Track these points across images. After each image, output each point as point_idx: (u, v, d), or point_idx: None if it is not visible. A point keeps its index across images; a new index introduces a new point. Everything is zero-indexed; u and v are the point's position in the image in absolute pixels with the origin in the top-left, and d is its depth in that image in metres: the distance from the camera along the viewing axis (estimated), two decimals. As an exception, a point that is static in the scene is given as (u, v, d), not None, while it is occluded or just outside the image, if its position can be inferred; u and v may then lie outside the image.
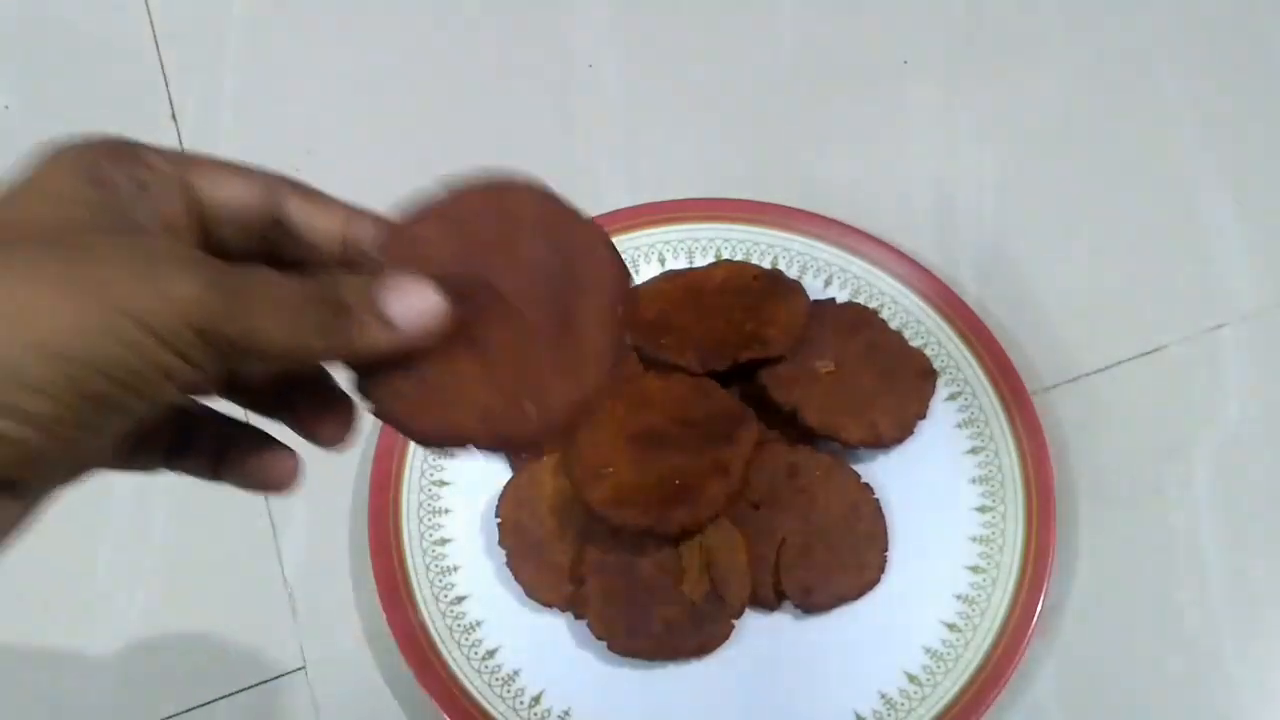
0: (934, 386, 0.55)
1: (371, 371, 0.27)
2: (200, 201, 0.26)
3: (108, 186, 0.25)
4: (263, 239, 0.27)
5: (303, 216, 0.28)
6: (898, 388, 0.54)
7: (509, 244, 0.29)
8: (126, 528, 0.54)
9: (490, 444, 0.29)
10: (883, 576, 0.51)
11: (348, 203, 0.29)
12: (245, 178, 0.27)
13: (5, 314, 0.21)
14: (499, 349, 0.28)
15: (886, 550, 0.51)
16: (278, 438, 0.30)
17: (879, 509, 0.52)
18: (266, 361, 0.25)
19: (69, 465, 0.24)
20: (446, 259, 0.29)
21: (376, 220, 0.29)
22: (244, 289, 0.24)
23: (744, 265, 0.58)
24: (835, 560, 0.50)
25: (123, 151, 0.26)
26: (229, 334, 0.23)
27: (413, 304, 0.26)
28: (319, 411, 0.29)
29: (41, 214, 0.24)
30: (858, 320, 0.56)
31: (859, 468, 0.53)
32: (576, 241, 0.30)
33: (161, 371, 0.23)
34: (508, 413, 0.28)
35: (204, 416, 0.29)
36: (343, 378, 0.29)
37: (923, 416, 0.54)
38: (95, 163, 0.25)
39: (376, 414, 0.28)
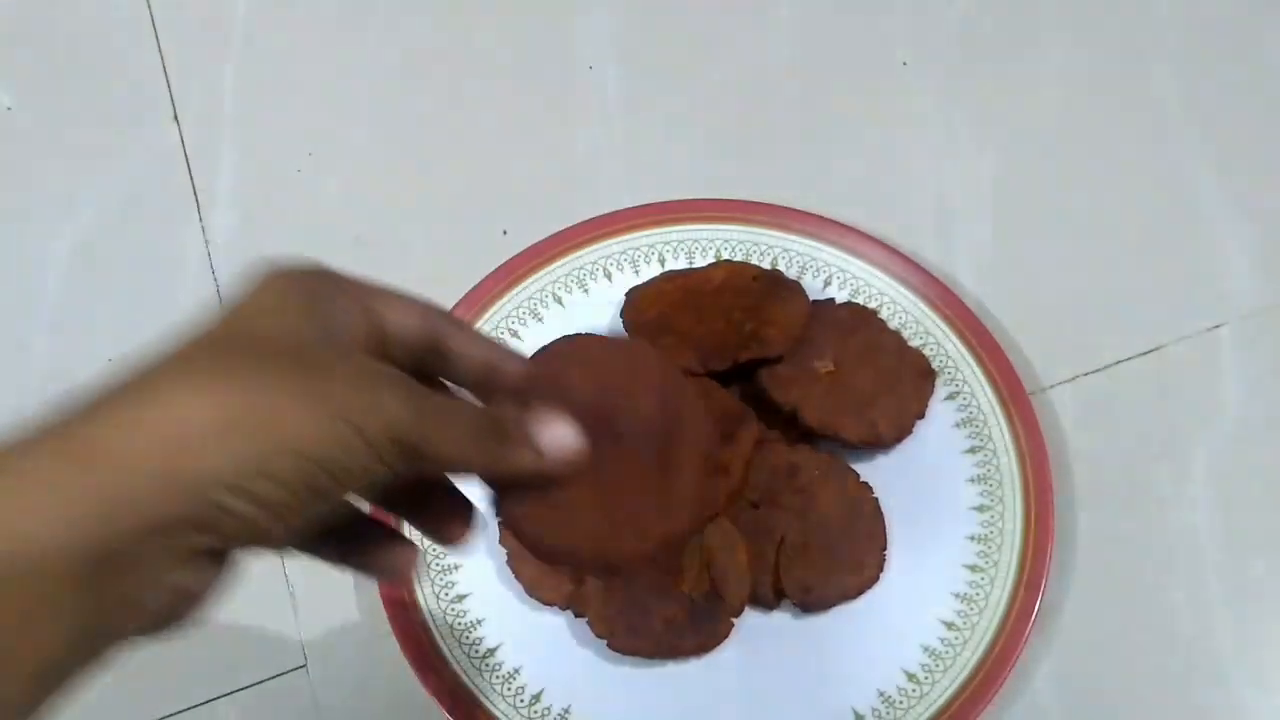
0: (933, 386, 0.55)
1: (508, 487, 0.32)
2: (381, 326, 0.31)
3: (320, 308, 0.29)
4: (419, 359, 0.32)
5: (457, 346, 0.32)
6: (897, 387, 0.54)
7: (631, 393, 0.35)
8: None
9: (594, 565, 0.35)
10: (881, 575, 0.51)
11: (494, 339, 0.34)
12: (415, 308, 0.32)
13: (262, 418, 0.26)
14: (612, 482, 0.33)
15: (885, 549, 0.51)
16: (401, 532, 0.34)
17: (878, 508, 0.52)
18: (436, 468, 0.30)
19: (272, 543, 0.28)
20: (582, 399, 0.33)
21: (521, 358, 0.34)
22: (436, 409, 0.29)
23: (744, 266, 0.58)
24: (834, 559, 0.50)
25: (326, 277, 0.30)
26: (418, 444, 0.28)
27: (557, 438, 0.32)
28: (444, 512, 0.34)
29: (273, 330, 0.28)
30: (857, 320, 0.56)
31: (858, 467, 0.53)
32: (681, 398, 0.36)
33: (365, 471, 0.27)
34: (612, 541, 0.33)
35: (350, 509, 0.33)
36: (473, 487, 0.33)
37: (921, 416, 0.54)
38: (308, 286, 0.30)
39: (504, 523, 0.33)
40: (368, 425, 0.27)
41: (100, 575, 0.24)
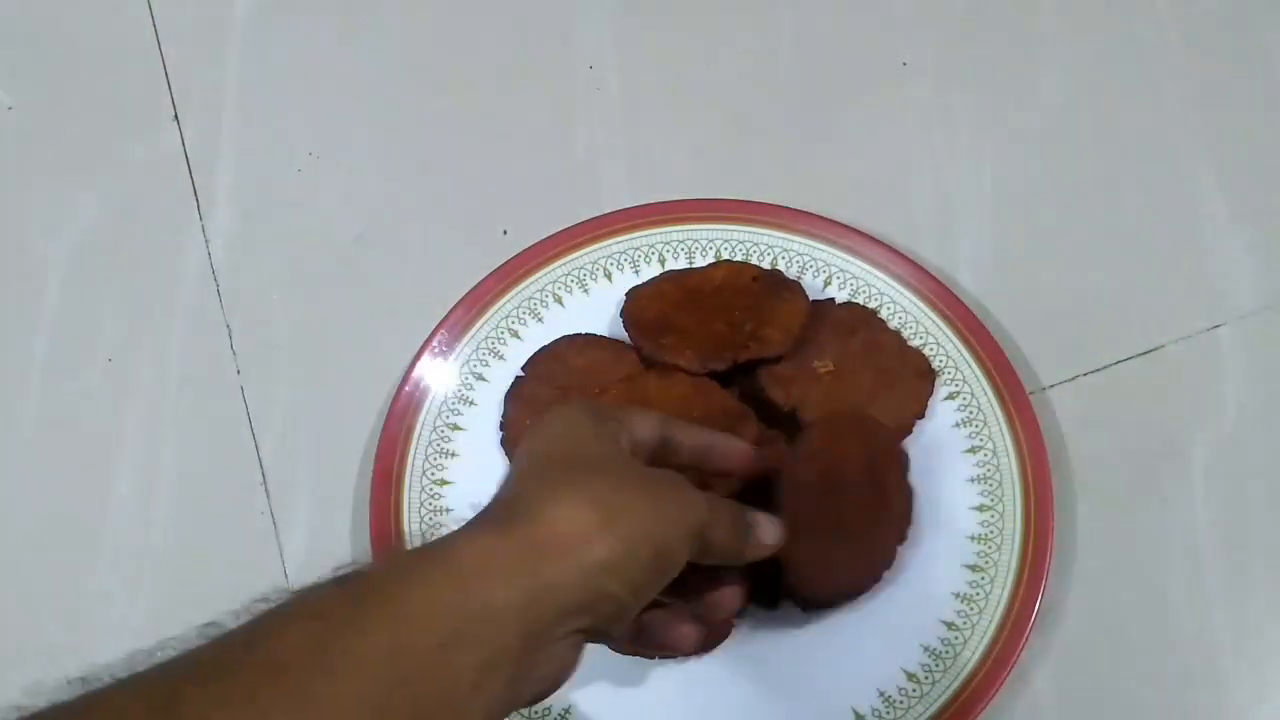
0: (933, 386, 0.55)
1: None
2: (635, 435, 0.39)
3: (607, 431, 0.37)
4: (653, 454, 0.40)
5: (684, 438, 0.41)
6: (896, 387, 0.54)
7: (842, 456, 0.48)
8: (127, 526, 0.54)
9: (853, 596, 0.49)
10: (882, 575, 0.51)
11: (713, 432, 0.44)
12: (650, 418, 0.40)
13: (626, 518, 0.33)
14: (853, 527, 0.48)
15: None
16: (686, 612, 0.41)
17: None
18: (713, 558, 0.38)
19: (620, 627, 0.35)
20: (809, 479, 0.47)
21: (738, 442, 0.45)
22: (716, 509, 0.37)
23: (744, 265, 0.58)
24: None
25: (591, 406, 0.39)
26: (708, 536, 0.36)
27: (772, 533, 0.41)
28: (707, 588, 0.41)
29: (587, 452, 0.36)
30: (856, 320, 0.56)
31: (858, 467, 0.53)
32: (879, 438, 0.50)
33: (679, 563, 0.35)
34: (868, 570, 0.49)
35: None
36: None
37: (921, 416, 0.54)
38: (587, 416, 0.37)
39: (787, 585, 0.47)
40: (688, 525, 0.35)
41: (526, 649, 0.30)
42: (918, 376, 0.55)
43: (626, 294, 0.57)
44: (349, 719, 0.26)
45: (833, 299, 0.57)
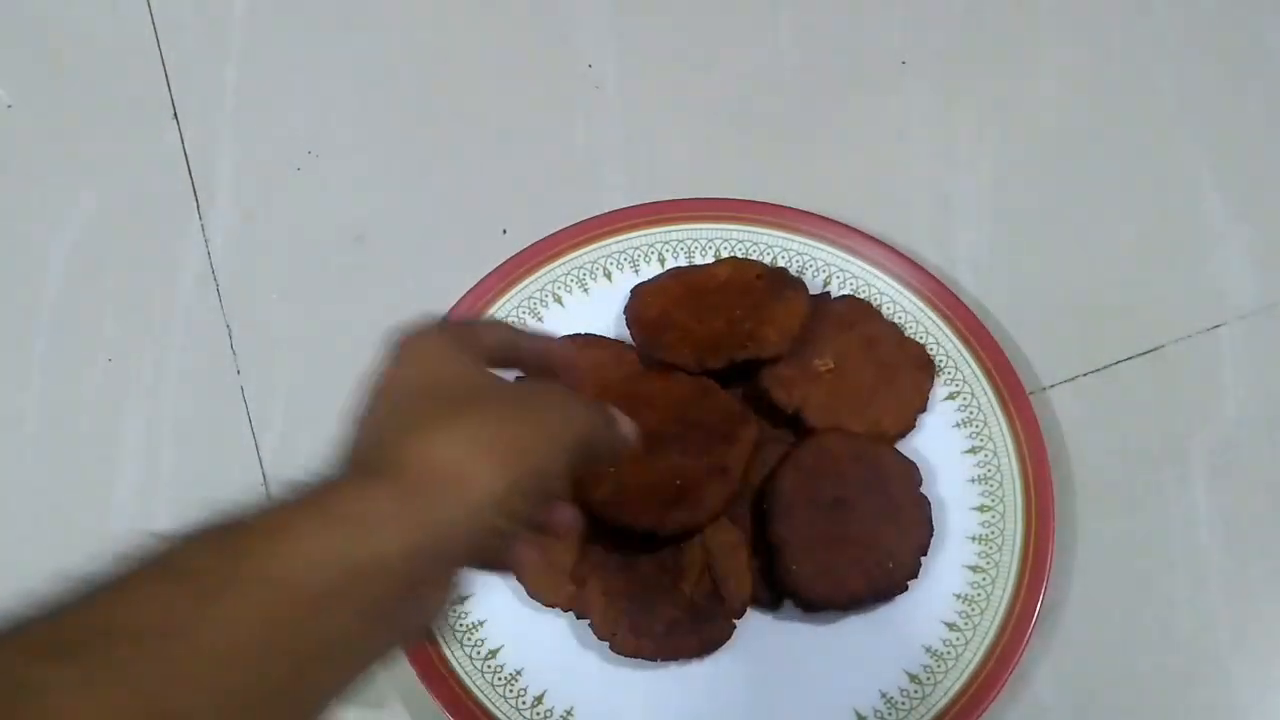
0: (932, 378, 0.55)
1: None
2: (489, 347, 0.37)
3: (466, 353, 0.35)
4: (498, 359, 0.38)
5: (526, 344, 0.40)
6: (897, 381, 0.54)
7: (840, 474, 0.51)
8: (127, 526, 0.54)
9: (872, 596, 0.49)
10: (907, 585, 0.51)
11: (535, 331, 0.46)
12: (494, 327, 0.41)
13: (508, 447, 0.32)
14: (867, 535, 0.50)
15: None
16: None
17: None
18: (591, 463, 0.36)
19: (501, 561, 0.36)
20: (833, 493, 0.50)
21: (560, 341, 0.47)
22: (599, 412, 0.37)
23: (748, 263, 0.58)
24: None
25: (446, 327, 0.38)
26: (594, 443, 0.35)
27: (628, 423, 0.38)
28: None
29: (451, 378, 0.34)
30: (855, 314, 0.56)
31: (858, 467, 0.53)
32: (881, 458, 0.52)
33: (564, 479, 0.34)
34: (880, 571, 0.49)
35: None
36: None
37: (923, 409, 0.54)
38: (444, 338, 0.36)
39: (795, 593, 0.49)
40: (572, 436, 0.34)
41: (414, 588, 0.30)
42: (918, 368, 0.55)
43: (631, 291, 0.57)
44: (228, 673, 0.25)
45: (829, 293, 0.57)
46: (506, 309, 0.57)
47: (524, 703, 0.49)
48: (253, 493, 0.54)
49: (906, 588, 0.50)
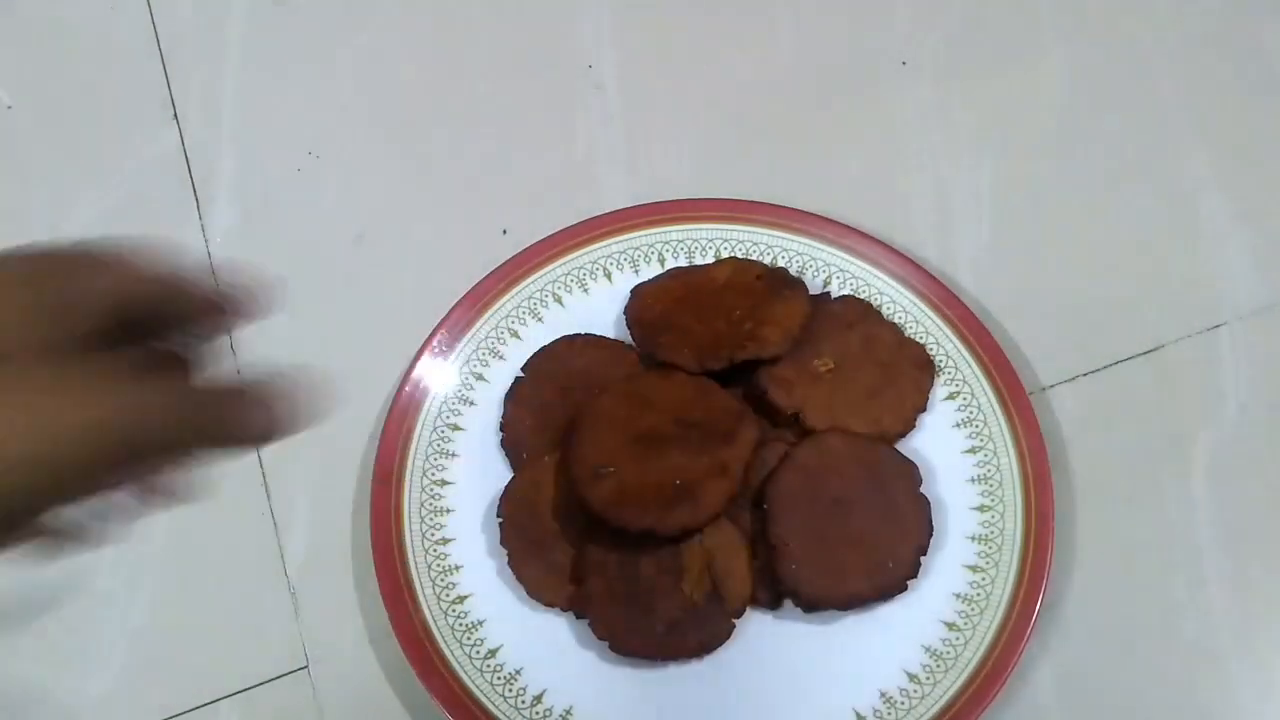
0: (932, 377, 0.55)
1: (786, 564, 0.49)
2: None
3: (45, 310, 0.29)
4: None
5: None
6: (897, 381, 0.54)
7: (855, 474, 0.51)
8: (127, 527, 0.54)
9: (871, 595, 0.49)
10: (907, 584, 0.51)
11: None
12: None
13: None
14: (867, 534, 0.50)
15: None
16: None
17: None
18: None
19: None
20: (833, 493, 0.51)
21: None
22: (143, 401, 0.29)
23: (749, 263, 0.58)
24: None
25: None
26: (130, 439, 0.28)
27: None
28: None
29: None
30: (854, 313, 0.56)
31: (858, 467, 0.53)
32: (881, 458, 0.52)
33: (98, 469, 0.27)
34: (880, 571, 0.50)
35: None
36: None
37: (924, 409, 0.54)
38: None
39: (795, 593, 0.49)
40: (76, 424, 0.27)
41: None
42: (918, 368, 0.55)
43: (632, 291, 0.57)
44: None
45: (829, 293, 0.57)
46: (506, 309, 0.57)
47: (523, 702, 0.49)
48: (251, 489, 0.55)
49: (906, 587, 0.50)
